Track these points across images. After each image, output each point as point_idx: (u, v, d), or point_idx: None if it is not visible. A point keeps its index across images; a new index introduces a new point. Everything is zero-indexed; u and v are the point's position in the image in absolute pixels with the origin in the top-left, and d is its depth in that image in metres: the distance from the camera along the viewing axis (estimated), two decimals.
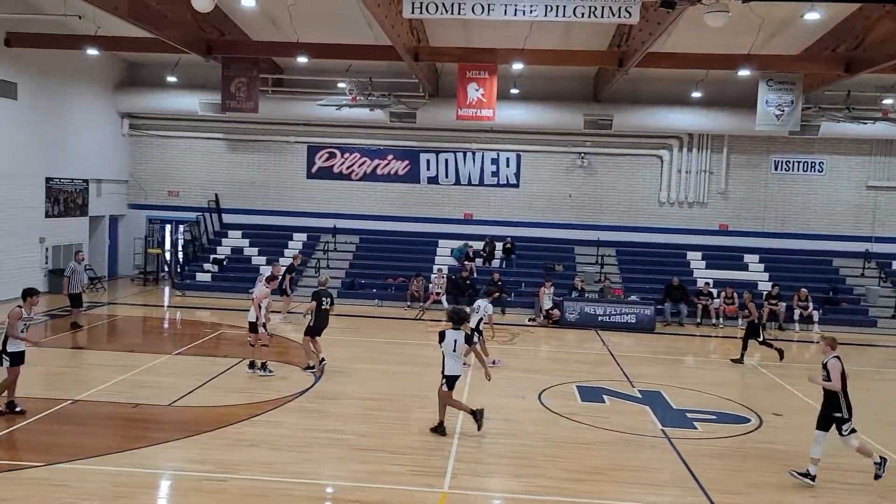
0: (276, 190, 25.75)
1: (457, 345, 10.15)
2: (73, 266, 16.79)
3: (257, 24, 19.92)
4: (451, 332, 10.22)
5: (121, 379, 12.48)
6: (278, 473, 8.61)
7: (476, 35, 19.80)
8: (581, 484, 8.76)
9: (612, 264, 24.00)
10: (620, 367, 15.34)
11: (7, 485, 7.94)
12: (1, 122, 18.36)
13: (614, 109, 23.55)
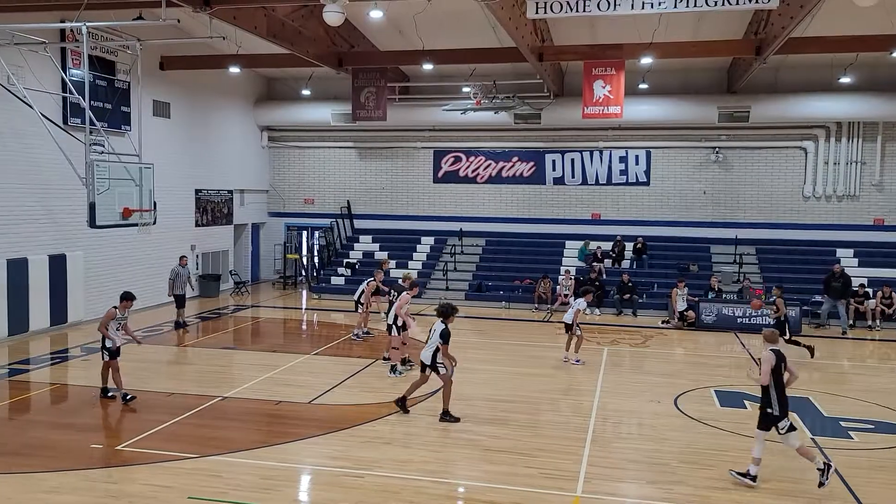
0: (404, 195, 26.38)
1: (432, 335, 10.67)
2: (176, 269, 17.99)
3: (384, 34, 20.49)
4: (436, 324, 10.73)
5: (264, 378, 13.18)
6: (412, 471, 8.79)
7: (602, 31, 19.41)
8: (725, 493, 8.35)
9: (751, 263, 22.77)
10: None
11: (168, 473, 8.58)
12: (157, 139, 19.90)
13: (752, 100, 22.36)
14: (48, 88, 16.44)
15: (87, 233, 16.51)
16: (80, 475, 8.53)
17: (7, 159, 15.94)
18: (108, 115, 18.22)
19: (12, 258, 15.95)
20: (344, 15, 14.52)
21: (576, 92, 21.70)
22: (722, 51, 19.46)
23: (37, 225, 16.73)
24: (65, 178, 15.76)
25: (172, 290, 17.90)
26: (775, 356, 8.53)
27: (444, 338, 10.57)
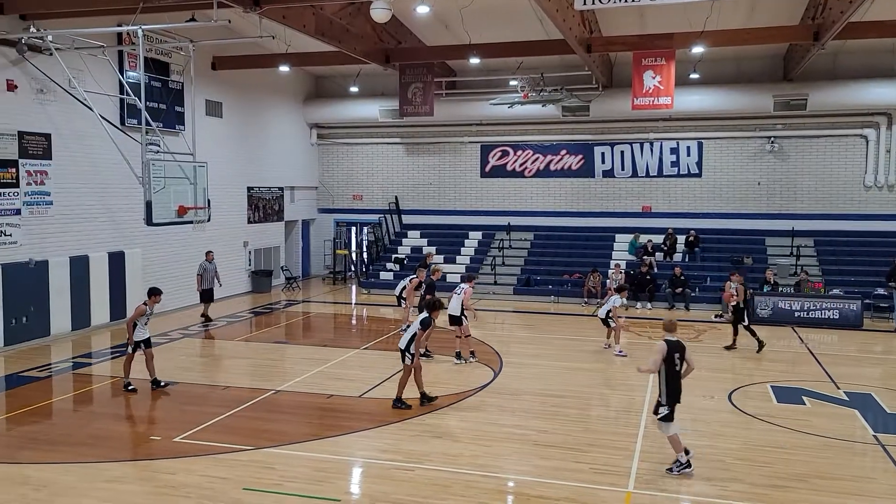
0: (451, 190, 26.40)
1: (411, 324, 11.38)
2: (204, 265, 18.34)
3: (431, 29, 20.52)
4: (420, 315, 11.31)
5: (316, 371, 13.37)
6: (462, 465, 8.81)
7: (651, 21, 19.07)
8: (782, 492, 8.15)
9: (809, 255, 22.12)
10: (822, 366, 14.13)
11: (223, 465, 8.78)
12: (210, 138, 20.33)
13: (809, 88, 21.71)
14: (106, 91, 16.96)
15: (144, 230, 17.00)
16: (139, 466, 8.80)
17: (69, 160, 16.49)
18: (163, 116, 18.70)
19: (75, 256, 16.51)
20: (391, 11, 14.61)
21: (625, 83, 21.40)
22: (777, 37, 18.91)
23: (97, 223, 17.27)
24: (123, 178, 16.25)
25: (200, 284, 18.33)
26: (667, 346, 8.54)
27: (423, 325, 11.06)
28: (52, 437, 9.91)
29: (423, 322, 11.09)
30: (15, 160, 15.20)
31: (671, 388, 8.54)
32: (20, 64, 15.28)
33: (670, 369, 8.54)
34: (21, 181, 15.34)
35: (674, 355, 8.55)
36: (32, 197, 15.63)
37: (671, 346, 8.59)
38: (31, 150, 15.57)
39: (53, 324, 15.90)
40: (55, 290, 15.90)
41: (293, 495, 7.92)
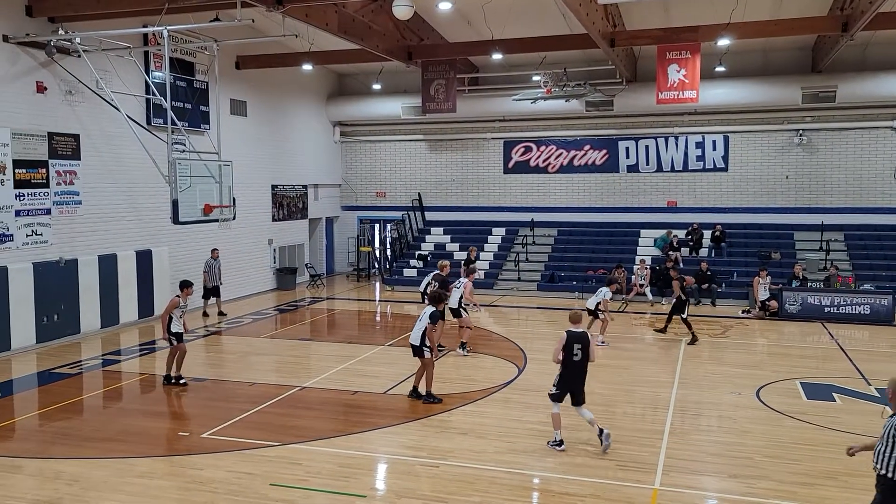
0: (474, 186, 26.38)
1: (421, 318, 11.19)
2: (209, 262, 18.49)
3: (453, 25, 20.50)
4: (426, 308, 11.37)
5: (340, 368, 13.45)
6: (487, 461, 8.81)
7: (676, 14, 18.88)
8: (811, 489, 8.05)
9: (839, 250, 21.78)
10: (853, 362, 13.91)
11: (251, 461, 8.87)
12: (235, 137, 20.53)
13: (838, 79, 21.34)
14: (133, 91, 17.17)
15: (170, 229, 17.20)
16: (168, 461, 8.91)
17: (97, 160, 16.74)
18: (188, 115, 18.91)
19: (103, 254, 16.75)
20: (413, 8, 14.63)
21: (649, 77, 21.21)
22: (805, 29, 18.59)
23: (124, 222, 17.51)
24: (149, 177, 16.46)
25: (206, 281, 18.48)
26: (567, 336, 8.99)
27: (433, 318, 11.17)
28: (83, 432, 10.08)
29: (433, 316, 11.23)
30: (45, 161, 15.46)
31: (565, 375, 9.10)
32: (49, 66, 15.53)
33: (568, 358, 9.00)
34: (51, 181, 15.60)
35: (573, 345, 8.99)
36: (62, 197, 15.89)
37: (571, 336, 9.05)
38: (61, 151, 15.83)
39: (83, 321, 16.17)
40: (84, 288, 16.16)
41: (319, 491, 7.97)
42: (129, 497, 7.87)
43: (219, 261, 18.87)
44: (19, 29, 14.85)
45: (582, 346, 8.99)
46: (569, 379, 9.07)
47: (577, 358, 8.99)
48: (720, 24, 17.42)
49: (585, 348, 9.01)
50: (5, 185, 14.62)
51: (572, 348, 8.97)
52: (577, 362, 9.01)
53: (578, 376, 9.07)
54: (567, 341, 8.98)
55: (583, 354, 9.01)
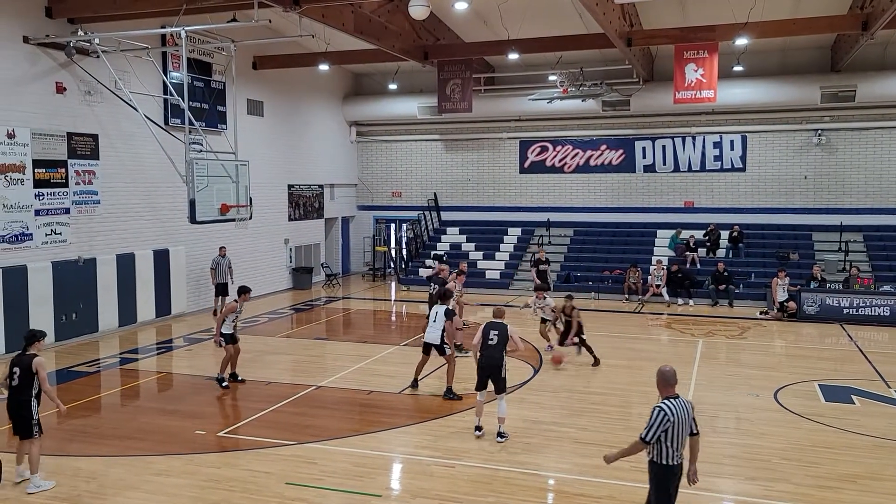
0: (490, 186, 26.34)
1: (436, 319, 11.56)
2: (217, 259, 18.48)
3: (469, 25, 20.48)
4: (437, 307, 11.80)
5: (356, 368, 13.48)
6: (502, 462, 8.79)
7: (693, 13, 18.76)
8: (830, 492, 7.97)
9: (858, 251, 21.54)
10: (872, 364, 13.75)
11: (266, 460, 8.90)
12: (252, 137, 20.64)
13: (858, 79, 21.12)
14: (151, 91, 17.31)
15: (187, 228, 17.32)
16: (185, 459, 8.97)
17: (116, 160, 16.88)
18: (206, 115, 19.04)
19: (121, 253, 16.89)
20: (429, 8, 14.62)
21: (666, 77, 21.08)
22: (824, 28, 18.40)
23: (142, 221, 17.65)
24: (167, 177, 16.58)
25: (214, 278, 18.51)
26: (485, 325, 9.69)
27: (448, 315, 11.55)
28: (101, 430, 10.16)
29: (448, 313, 11.62)
30: (64, 160, 15.62)
31: (480, 360, 9.68)
32: (68, 67, 15.69)
33: (484, 343, 9.62)
34: (70, 181, 15.75)
35: (489, 331, 9.63)
36: (81, 196, 16.05)
37: (488, 325, 9.70)
38: (80, 151, 15.98)
39: (101, 320, 16.31)
40: (103, 287, 16.30)
41: (335, 490, 7.99)
42: (146, 494, 7.92)
43: (227, 258, 18.80)
44: (39, 30, 15.01)
45: (498, 333, 9.59)
46: (484, 364, 9.61)
47: (493, 342, 9.57)
48: (738, 24, 17.28)
49: (502, 335, 9.58)
50: (25, 185, 14.78)
51: (488, 334, 9.62)
52: (491, 346, 9.58)
53: (492, 361, 9.55)
54: (485, 328, 9.68)
55: (498, 339, 9.56)
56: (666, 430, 5.96)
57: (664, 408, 6.00)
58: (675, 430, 5.98)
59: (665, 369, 6.17)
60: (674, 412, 5.98)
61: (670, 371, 6.17)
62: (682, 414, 6.03)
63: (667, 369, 6.17)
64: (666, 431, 5.96)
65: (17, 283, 14.42)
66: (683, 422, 6.04)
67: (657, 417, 5.97)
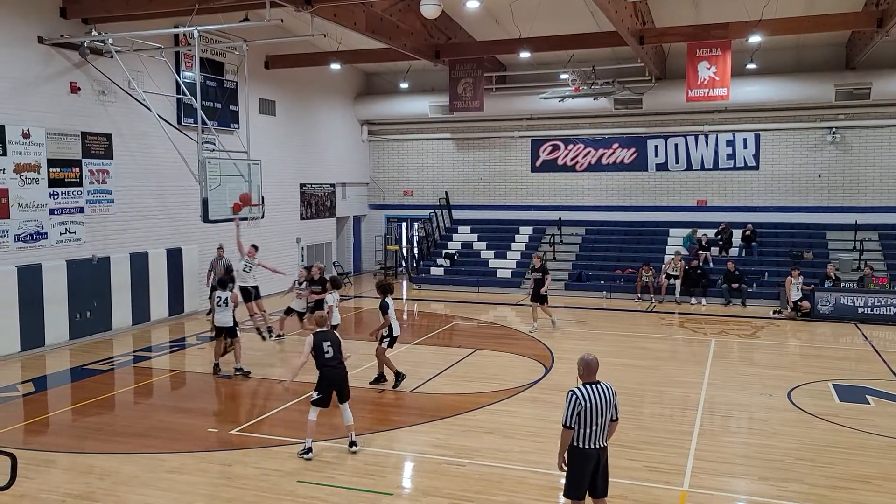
0: (502, 185, 26.31)
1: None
2: (213, 261, 18.14)
3: (480, 24, 20.46)
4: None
5: (367, 366, 13.48)
6: (514, 461, 8.79)
7: (706, 10, 18.66)
8: (844, 492, 7.90)
9: (873, 250, 21.35)
10: (887, 364, 13.64)
11: (278, 458, 8.94)
12: (264, 136, 20.70)
13: (873, 76, 20.93)
14: (164, 91, 17.41)
15: (200, 227, 17.40)
16: (197, 457, 9.02)
17: (129, 159, 16.99)
18: (218, 115, 19.12)
19: (135, 252, 17.00)
20: (441, 7, 14.62)
21: (679, 74, 20.98)
22: (839, 25, 18.26)
23: (155, 220, 17.75)
24: (180, 176, 16.65)
25: (210, 280, 18.16)
26: (314, 338, 8.99)
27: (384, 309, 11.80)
28: (114, 427, 10.23)
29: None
30: (78, 160, 15.73)
31: (321, 376, 9.00)
32: (83, 67, 15.80)
33: (320, 358, 8.96)
34: (84, 180, 15.87)
35: (322, 344, 8.97)
36: (95, 195, 16.16)
37: (318, 336, 9.04)
38: (94, 150, 16.09)
39: (115, 318, 16.43)
40: (116, 285, 16.41)
41: (346, 488, 8.01)
42: (159, 492, 7.97)
43: (226, 259, 18.49)
44: (54, 31, 15.13)
45: (332, 345, 9.03)
46: (323, 378, 8.99)
47: (329, 355, 8.97)
48: (751, 21, 17.17)
49: (335, 346, 9.05)
50: (40, 184, 14.91)
51: (322, 347, 8.97)
52: (327, 359, 8.98)
53: (337, 374, 9.01)
54: (315, 342, 8.96)
55: (334, 352, 9.02)
56: (578, 413, 6.19)
57: (575, 392, 6.28)
58: (588, 415, 6.20)
59: (588, 358, 6.44)
60: (586, 397, 6.22)
61: (593, 360, 6.44)
62: (598, 399, 6.24)
63: (590, 358, 6.44)
64: (578, 415, 6.19)
65: (32, 282, 14.55)
66: (600, 407, 6.23)
67: (568, 400, 6.26)
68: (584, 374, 6.43)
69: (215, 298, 12.91)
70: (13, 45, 14.43)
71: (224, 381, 12.51)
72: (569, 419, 6.23)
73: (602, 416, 6.25)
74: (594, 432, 6.24)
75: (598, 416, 6.23)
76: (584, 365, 6.43)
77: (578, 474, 6.34)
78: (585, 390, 6.28)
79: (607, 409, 6.29)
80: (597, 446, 6.28)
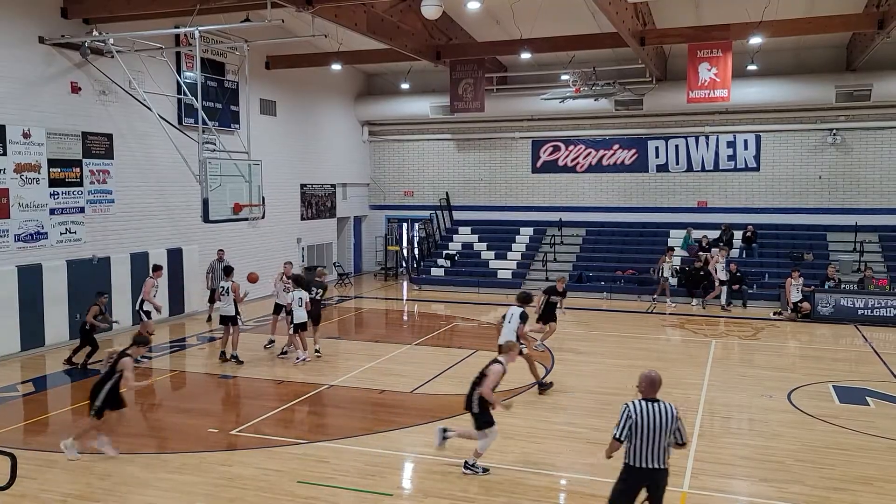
0: (502, 186, 26.31)
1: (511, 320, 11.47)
2: (213, 264, 18.08)
3: (481, 25, 20.47)
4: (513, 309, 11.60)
5: (368, 367, 13.50)
6: (514, 462, 8.78)
7: (707, 12, 18.66)
8: (844, 493, 7.90)
9: (873, 252, 21.35)
10: (887, 366, 13.64)
11: (278, 458, 8.93)
12: (265, 137, 20.70)
13: (873, 78, 20.92)
14: (164, 91, 17.41)
15: (201, 227, 17.41)
16: (198, 457, 9.01)
17: (130, 159, 16.99)
18: (219, 115, 19.12)
19: (135, 252, 17.00)
20: (441, 8, 14.63)
21: (680, 76, 20.99)
22: (840, 26, 18.25)
23: (155, 220, 17.75)
24: (180, 176, 16.66)
25: (210, 283, 18.07)
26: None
27: (523, 318, 11.46)
28: (114, 428, 10.21)
29: (522, 315, 11.51)
30: (79, 160, 15.74)
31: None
32: (83, 67, 15.80)
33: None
34: (85, 180, 15.87)
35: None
36: (95, 195, 16.16)
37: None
38: (94, 150, 16.10)
39: (116, 318, 16.37)
40: (117, 285, 16.40)
41: (346, 489, 8.01)
42: (160, 492, 7.97)
43: (224, 262, 18.38)
44: (55, 31, 15.13)
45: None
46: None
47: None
48: (752, 22, 17.17)
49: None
50: (40, 184, 14.91)
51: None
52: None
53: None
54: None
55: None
56: (629, 427, 6.03)
57: (629, 405, 6.11)
58: (640, 431, 5.99)
59: (651, 374, 6.22)
60: (639, 412, 6.04)
61: (657, 377, 6.21)
62: (653, 417, 6.00)
63: (653, 375, 6.22)
64: (630, 429, 6.02)
65: (32, 282, 14.55)
66: (655, 425, 5.97)
67: (621, 412, 6.12)
68: (645, 389, 6.18)
69: (218, 288, 13.96)
70: (14, 45, 14.44)
71: (224, 382, 12.51)
72: (620, 432, 6.02)
73: (656, 436, 5.95)
74: (645, 451, 5.98)
75: (651, 435, 5.95)
76: (646, 381, 6.19)
77: (621, 489, 6.13)
78: (641, 406, 6.07)
79: (664, 431, 5.95)
80: (648, 466, 5.99)
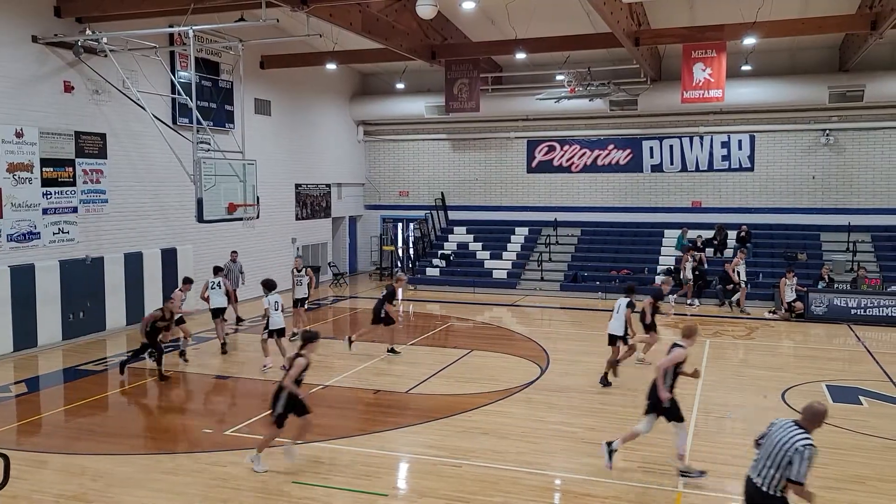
0: (497, 186, 26.32)
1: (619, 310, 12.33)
2: (227, 265, 18.09)
3: (476, 24, 20.46)
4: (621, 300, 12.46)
5: (363, 367, 13.49)
6: (509, 462, 8.78)
7: (701, 12, 18.70)
8: (838, 493, 7.93)
9: (866, 251, 21.44)
10: (880, 365, 13.68)
11: (273, 458, 8.88)
12: (259, 136, 20.67)
13: (866, 78, 20.99)
14: (158, 90, 17.34)
15: (195, 227, 17.35)
16: (192, 458, 8.99)
17: (124, 159, 16.93)
18: (213, 114, 19.07)
19: (129, 252, 16.94)
20: (437, 8, 14.61)
21: (674, 76, 21.03)
22: (833, 27, 18.30)
23: (150, 220, 17.69)
24: (174, 176, 16.63)
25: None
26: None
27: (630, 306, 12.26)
28: (108, 428, 10.19)
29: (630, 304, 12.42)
30: (72, 159, 15.68)
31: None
32: (77, 66, 15.74)
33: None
34: (78, 180, 15.81)
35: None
36: (88, 195, 16.10)
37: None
38: (88, 150, 16.04)
39: (109, 319, 16.36)
40: (110, 286, 16.35)
41: (341, 489, 8.00)
42: (153, 493, 7.94)
43: (238, 263, 18.41)
44: (48, 30, 15.07)
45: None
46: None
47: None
48: (746, 23, 17.21)
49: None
50: (33, 184, 14.84)
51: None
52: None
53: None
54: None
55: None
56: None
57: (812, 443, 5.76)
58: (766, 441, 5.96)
59: (819, 408, 5.93)
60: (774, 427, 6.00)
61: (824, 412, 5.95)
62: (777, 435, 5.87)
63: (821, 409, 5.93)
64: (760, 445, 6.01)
65: (24, 282, 14.48)
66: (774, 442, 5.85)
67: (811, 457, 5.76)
68: (808, 420, 5.90)
69: (210, 283, 14.58)
70: (7, 44, 14.37)
71: (219, 382, 12.48)
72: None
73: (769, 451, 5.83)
74: (757, 461, 5.96)
75: (767, 448, 5.87)
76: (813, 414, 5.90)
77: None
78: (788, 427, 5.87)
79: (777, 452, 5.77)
80: (750, 475, 5.97)
